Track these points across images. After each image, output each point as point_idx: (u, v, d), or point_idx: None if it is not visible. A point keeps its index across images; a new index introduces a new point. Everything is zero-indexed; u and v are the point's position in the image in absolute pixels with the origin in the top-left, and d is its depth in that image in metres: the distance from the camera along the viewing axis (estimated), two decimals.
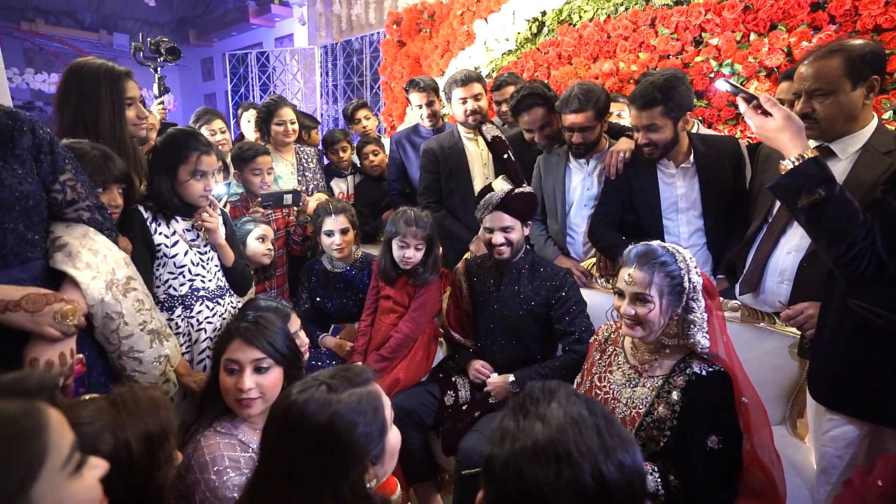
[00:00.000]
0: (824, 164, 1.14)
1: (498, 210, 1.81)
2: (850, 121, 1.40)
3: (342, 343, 2.16)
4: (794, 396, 1.64)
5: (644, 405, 1.31)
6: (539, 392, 0.71)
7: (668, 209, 1.95)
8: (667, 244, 1.34)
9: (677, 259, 1.29)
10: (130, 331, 1.22)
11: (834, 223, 1.13)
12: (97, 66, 1.53)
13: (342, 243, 2.12)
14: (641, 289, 1.27)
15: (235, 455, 1.16)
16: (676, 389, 1.28)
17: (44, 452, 0.57)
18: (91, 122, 1.50)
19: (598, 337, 1.56)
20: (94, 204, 1.22)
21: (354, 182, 3.06)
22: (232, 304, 1.69)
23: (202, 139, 1.56)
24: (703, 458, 1.20)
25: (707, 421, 1.22)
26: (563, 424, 0.64)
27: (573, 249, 2.26)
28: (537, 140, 2.28)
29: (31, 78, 9.08)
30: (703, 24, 2.83)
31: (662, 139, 1.81)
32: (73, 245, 1.14)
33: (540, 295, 1.86)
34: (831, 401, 1.35)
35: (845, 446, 1.32)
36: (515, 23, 3.74)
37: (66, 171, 1.15)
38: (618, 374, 1.42)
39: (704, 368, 1.27)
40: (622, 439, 0.65)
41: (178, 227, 1.57)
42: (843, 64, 1.34)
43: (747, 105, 1.21)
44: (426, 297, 1.99)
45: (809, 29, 2.51)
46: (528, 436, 0.64)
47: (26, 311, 1.01)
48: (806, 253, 1.53)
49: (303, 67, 7.61)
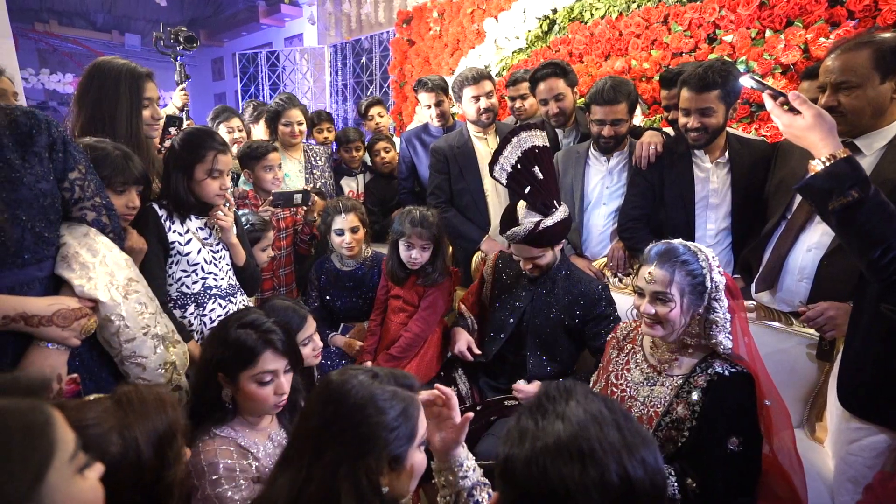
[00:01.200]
0: (858, 164, 1.09)
1: (524, 244, 1.69)
2: (878, 116, 1.36)
3: (352, 342, 2.15)
4: (812, 399, 1.60)
5: (662, 404, 1.29)
6: (556, 391, 0.69)
7: (697, 204, 1.91)
8: (688, 243, 1.30)
9: (699, 258, 1.26)
10: (132, 334, 1.19)
11: (868, 227, 1.07)
12: (120, 64, 1.56)
13: (352, 241, 2.11)
14: (662, 287, 1.24)
15: (232, 463, 1.13)
16: (697, 389, 1.25)
17: (54, 445, 0.57)
18: (109, 117, 1.52)
19: (616, 335, 1.52)
20: (101, 203, 1.21)
21: (364, 180, 3.06)
22: (243, 303, 1.69)
23: (218, 138, 1.56)
24: (723, 461, 1.17)
25: (728, 422, 1.19)
26: (584, 421, 0.63)
27: (587, 248, 2.24)
28: (551, 111, 2.29)
29: (46, 78, 9.19)
30: (717, 20, 2.78)
31: (714, 124, 1.78)
32: (71, 246, 1.13)
33: (575, 313, 1.76)
34: (863, 410, 1.30)
35: (876, 456, 1.27)
36: (526, 21, 3.71)
37: (76, 170, 1.14)
38: (636, 372, 1.39)
39: (727, 368, 1.24)
40: (643, 437, 0.64)
41: (191, 225, 1.58)
42: (873, 56, 1.29)
43: (774, 102, 1.15)
44: (436, 296, 1.98)
45: (827, 25, 2.46)
46: (550, 434, 0.62)
47: (58, 326, 1.05)
48: (827, 250, 1.49)
49: (312, 67, 7.63)
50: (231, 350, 1.16)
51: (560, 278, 1.79)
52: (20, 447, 0.55)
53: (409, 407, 0.88)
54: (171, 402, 0.89)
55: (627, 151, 2.14)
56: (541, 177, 1.65)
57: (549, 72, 2.28)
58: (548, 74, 2.28)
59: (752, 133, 2.62)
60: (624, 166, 2.15)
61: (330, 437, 0.83)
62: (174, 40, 2.93)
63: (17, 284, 1.04)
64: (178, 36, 2.93)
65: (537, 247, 1.69)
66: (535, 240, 1.66)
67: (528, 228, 1.64)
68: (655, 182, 1.97)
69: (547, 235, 1.66)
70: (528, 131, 1.64)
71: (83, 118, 1.53)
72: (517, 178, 1.65)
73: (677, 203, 1.93)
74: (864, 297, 1.27)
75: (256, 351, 1.16)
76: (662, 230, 1.97)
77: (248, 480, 1.14)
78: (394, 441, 0.84)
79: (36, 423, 0.57)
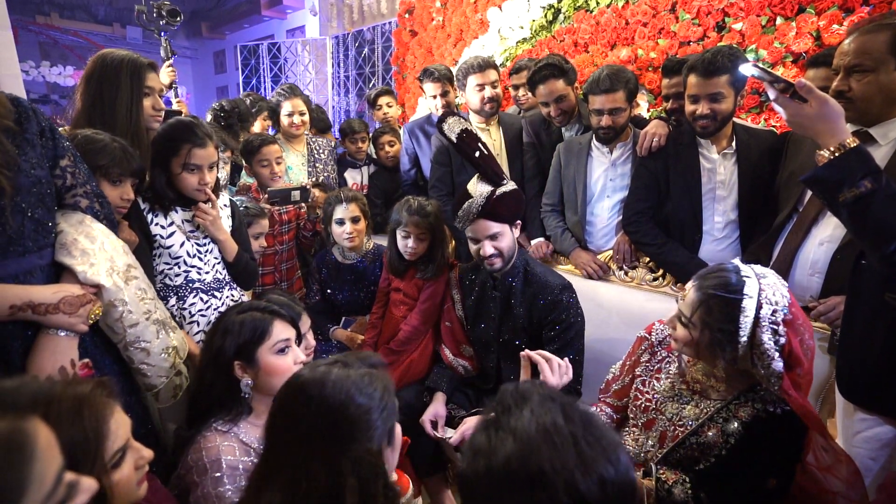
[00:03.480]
0: (868, 153, 1.05)
1: (481, 218, 1.59)
2: (890, 104, 1.31)
3: (353, 336, 2.13)
4: (823, 395, 1.57)
5: (691, 426, 1.19)
6: (511, 398, 0.66)
7: (704, 196, 1.87)
8: (749, 269, 1.14)
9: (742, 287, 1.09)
10: (135, 319, 1.20)
11: (881, 219, 1.03)
12: (123, 54, 1.58)
13: (353, 231, 2.08)
14: (687, 311, 1.15)
15: (234, 460, 1.12)
16: (738, 420, 1.15)
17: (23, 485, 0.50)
18: (109, 105, 1.52)
19: (651, 337, 1.40)
20: (93, 191, 1.21)
21: (369, 172, 3.03)
22: (232, 298, 1.66)
23: (200, 132, 1.50)
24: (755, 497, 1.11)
25: (772, 463, 1.12)
26: (534, 439, 0.60)
27: (592, 241, 2.20)
28: (553, 114, 2.23)
29: (46, 71, 9.17)
30: (726, 7, 2.72)
31: (723, 111, 1.73)
32: (69, 233, 1.13)
33: (533, 316, 1.69)
34: (866, 400, 1.28)
35: (880, 448, 1.26)
36: (530, 10, 3.65)
37: (66, 157, 1.14)
38: (665, 382, 1.29)
39: (780, 406, 1.13)
40: (604, 447, 0.60)
41: (176, 217, 1.55)
42: (891, 40, 1.25)
43: (777, 91, 1.10)
44: (435, 288, 1.95)
45: (840, 11, 2.39)
46: (500, 454, 0.61)
47: (64, 314, 1.06)
48: (840, 244, 1.45)
49: (314, 58, 7.58)
50: (242, 332, 1.19)
51: (518, 281, 1.71)
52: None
53: (387, 383, 0.89)
54: (91, 404, 0.76)
55: (631, 142, 2.09)
56: (486, 151, 1.60)
57: (546, 73, 2.18)
58: (546, 76, 2.18)
59: (761, 124, 2.58)
60: (627, 157, 2.10)
61: (322, 437, 0.81)
62: (157, 14, 2.85)
63: (19, 273, 1.04)
64: (160, 10, 2.84)
65: (496, 221, 1.60)
66: (492, 210, 1.57)
67: (485, 196, 1.56)
68: (660, 173, 1.92)
69: (503, 205, 1.58)
70: (453, 117, 1.62)
71: (84, 105, 1.53)
72: (470, 138, 1.59)
73: (683, 195, 1.88)
74: (860, 285, 1.24)
75: (266, 323, 1.21)
76: (668, 223, 1.94)
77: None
78: (388, 418, 0.86)
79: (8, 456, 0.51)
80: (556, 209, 2.29)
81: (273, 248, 2.28)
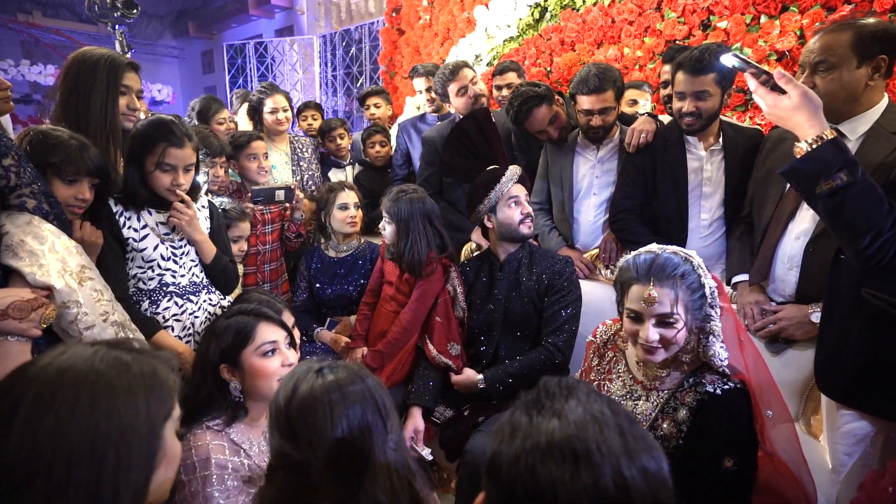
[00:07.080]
0: (844, 146, 1.05)
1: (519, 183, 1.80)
2: (851, 101, 1.32)
3: (338, 338, 2.10)
4: (807, 393, 1.57)
5: (647, 421, 1.19)
6: (556, 387, 0.63)
7: (691, 193, 1.87)
8: (676, 249, 1.19)
9: (693, 265, 1.15)
10: (91, 321, 1.16)
11: (856, 211, 1.04)
12: (103, 51, 1.56)
13: (356, 216, 2.16)
14: (668, 308, 1.12)
15: (224, 459, 1.10)
16: (684, 407, 1.16)
17: (172, 398, 0.67)
18: (83, 101, 1.49)
19: (596, 339, 1.41)
20: (40, 190, 1.15)
21: (354, 172, 3.00)
22: (210, 302, 1.62)
23: (177, 131, 1.46)
24: (716, 481, 1.09)
25: (722, 443, 1.10)
26: (582, 422, 0.57)
27: (578, 239, 2.19)
28: (553, 136, 2.16)
29: (26, 70, 8.99)
30: (711, 6, 2.73)
31: (709, 108, 1.73)
32: (15, 235, 1.08)
33: (542, 281, 1.75)
34: (844, 396, 1.29)
35: (856, 443, 1.27)
36: (517, 8, 3.64)
37: (9, 157, 1.09)
38: (617, 383, 1.29)
39: (719, 386, 1.14)
40: (647, 443, 0.58)
41: (150, 219, 1.51)
42: (853, 39, 1.26)
43: (757, 82, 1.10)
44: (427, 287, 1.93)
45: (823, 10, 2.40)
46: (543, 432, 0.57)
47: (14, 319, 1.02)
48: (812, 235, 1.46)
49: (302, 58, 7.52)
50: (226, 336, 1.19)
51: (524, 258, 1.81)
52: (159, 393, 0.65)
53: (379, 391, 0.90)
54: None
55: (617, 140, 2.09)
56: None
57: (525, 108, 2.06)
58: (528, 110, 2.06)
59: (746, 122, 2.58)
60: (613, 155, 2.09)
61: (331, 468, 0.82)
62: (111, 5, 2.62)
63: None
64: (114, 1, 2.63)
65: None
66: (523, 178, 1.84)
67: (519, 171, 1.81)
68: (647, 171, 1.92)
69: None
70: None
71: (60, 101, 1.50)
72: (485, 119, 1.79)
73: (670, 192, 1.88)
74: (838, 280, 1.24)
75: (250, 326, 1.21)
76: (655, 220, 1.93)
77: (239, 480, 1.11)
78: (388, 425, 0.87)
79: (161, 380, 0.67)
80: (543, 207, 2.28)
81: (255, 247, 2.24)
